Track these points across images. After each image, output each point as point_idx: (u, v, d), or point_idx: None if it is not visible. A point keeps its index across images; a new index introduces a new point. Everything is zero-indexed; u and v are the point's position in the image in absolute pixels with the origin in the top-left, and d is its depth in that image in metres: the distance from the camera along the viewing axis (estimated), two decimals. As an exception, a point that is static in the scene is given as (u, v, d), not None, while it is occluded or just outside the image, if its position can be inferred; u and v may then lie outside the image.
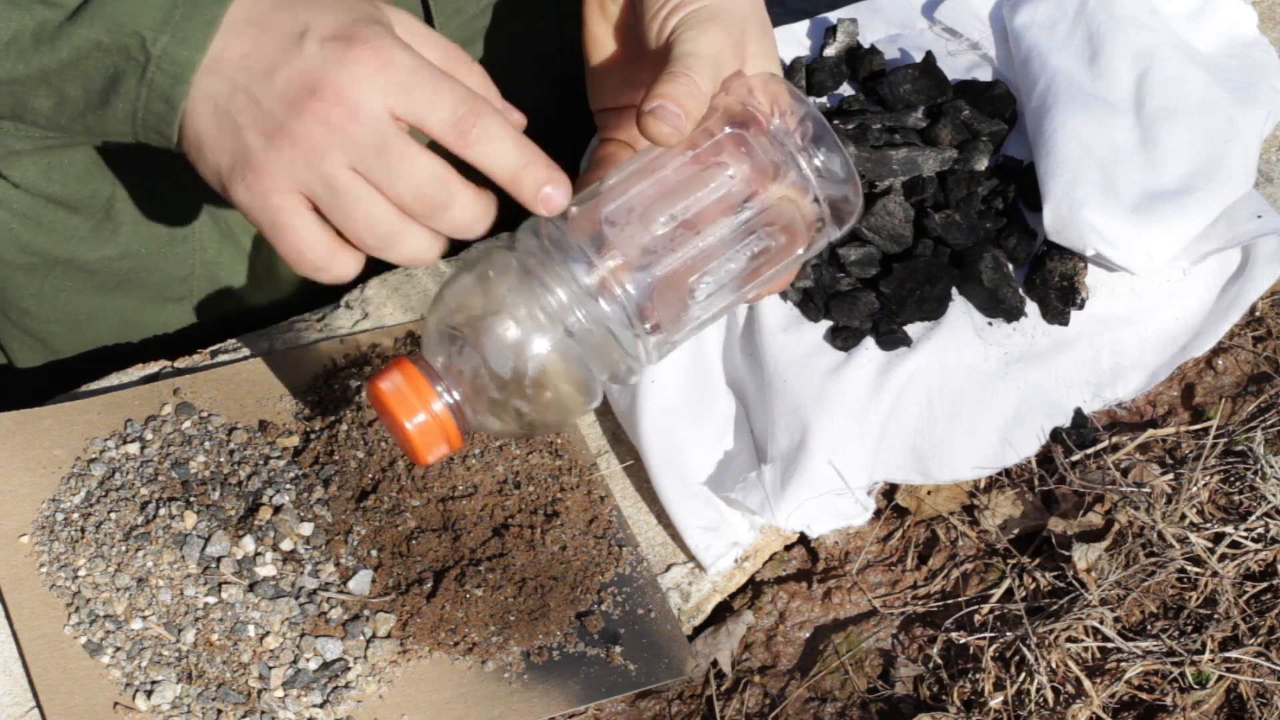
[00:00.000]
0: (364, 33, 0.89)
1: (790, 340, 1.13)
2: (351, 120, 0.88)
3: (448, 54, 0.94)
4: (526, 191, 0.89)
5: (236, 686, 1.03)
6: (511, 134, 0.89)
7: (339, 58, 0.88)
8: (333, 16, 0.90)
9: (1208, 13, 1.30)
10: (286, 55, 0.89)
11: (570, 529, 1.11)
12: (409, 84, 0.88)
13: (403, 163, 0.88)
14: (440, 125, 0.89)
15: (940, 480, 1.13)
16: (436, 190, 0.89)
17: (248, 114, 0.90)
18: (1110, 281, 1.17)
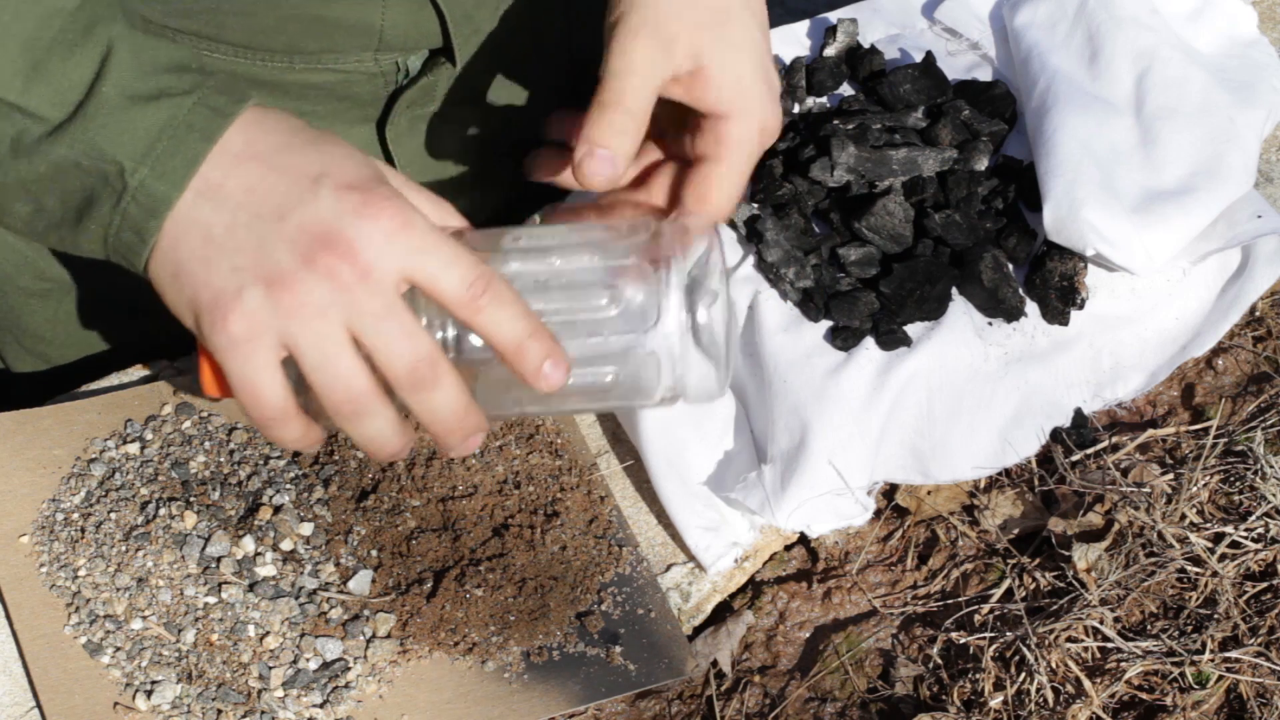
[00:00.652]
0: (381, 190, 0.87)
1: (790, 340, 1.13)
2: (362, 280, 0.86)
3: (438, 206, 0.93)
4: (529, 364, 0.88)
5: (236, 686, 1.03)
6: (518, 305, 0.88)
7: (357, 211, 0.86)
8: (347, 164, 0.89)
9: (1208, 13, 1.30)
10: (301, 199, 0.87)
11: (570, 529, 1.11)
12: (424, 247, 0.87)
13: (403, 333, 0.87)
14: (452, 291, 0.87)
15: (940, 480, 1.13)
16: (428, 369, 0.87)
17: (247, 254, 0.87)
18: (1110, 281, 1.17)
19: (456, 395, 0.89)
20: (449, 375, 0.88)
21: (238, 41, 1.15)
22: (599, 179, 0.90)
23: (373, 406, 0.88)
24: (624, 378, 0.92)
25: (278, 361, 0.88)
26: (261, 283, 0.86)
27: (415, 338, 0.87)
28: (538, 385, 0.89)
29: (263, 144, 0.90)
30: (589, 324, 0.91)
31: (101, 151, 0.88)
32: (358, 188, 0.87)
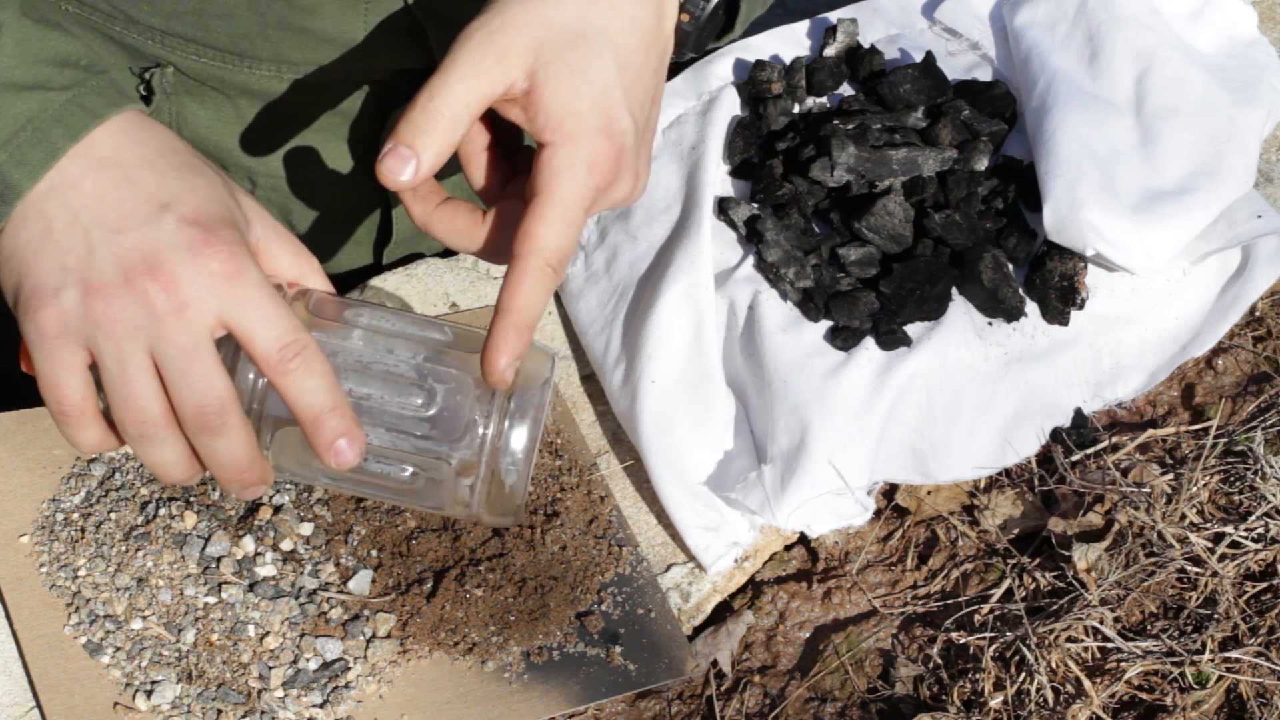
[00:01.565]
0: (224, 232, 0.88)
1: (790, 340, 1.13)
2: (176, 313, 0.87)
3: (299, 258, 0.93)
4: (324, 437, 0.88)
5: (236, 686, 1.03)
6: (327, 377, 0.88)
7: (191, 247, 0.87)
8: (202, 199, 0.89)
9: (1208, 13, 1.30)
10: (142, 220, 0.88)
11: (570, 529, 1.11)
12: (248, 299, 0.87)
13: (200, 377, 0.87)
14: (264, 348, 0.87)
15: (940, 480, 1.14)
16: (215, 417, 0.88)
17: (76, 256, 0.88)
18: (1110, 281, 1.17)
19: (239, 447, 0.89)
20: (236, 428, 0.89)
21: (222, 46, 1.15)
22: (394, 177, 0.89)
23: (161, 434, 0.89)
24: (421, 480, 0.92)
25: (83, 364, 0.89)
26: (80, 287, 0.87)
27: (210, 382, 0.87)
28: (327, 460, 0.89)
29: (129, 154, 0.90)
30: (397, 418, 0.91)
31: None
32: (201, 224, 0.88)
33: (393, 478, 0.93)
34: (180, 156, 0.91)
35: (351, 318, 0.93)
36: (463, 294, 1.23)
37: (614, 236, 1.21)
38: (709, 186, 1.19)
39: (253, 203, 0.93)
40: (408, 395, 0.91)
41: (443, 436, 0.91)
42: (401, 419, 0.91)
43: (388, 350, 0.92)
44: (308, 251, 0.94)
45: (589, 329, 1.19)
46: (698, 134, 1.22)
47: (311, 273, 0.94)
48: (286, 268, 0.93)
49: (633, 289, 1.18)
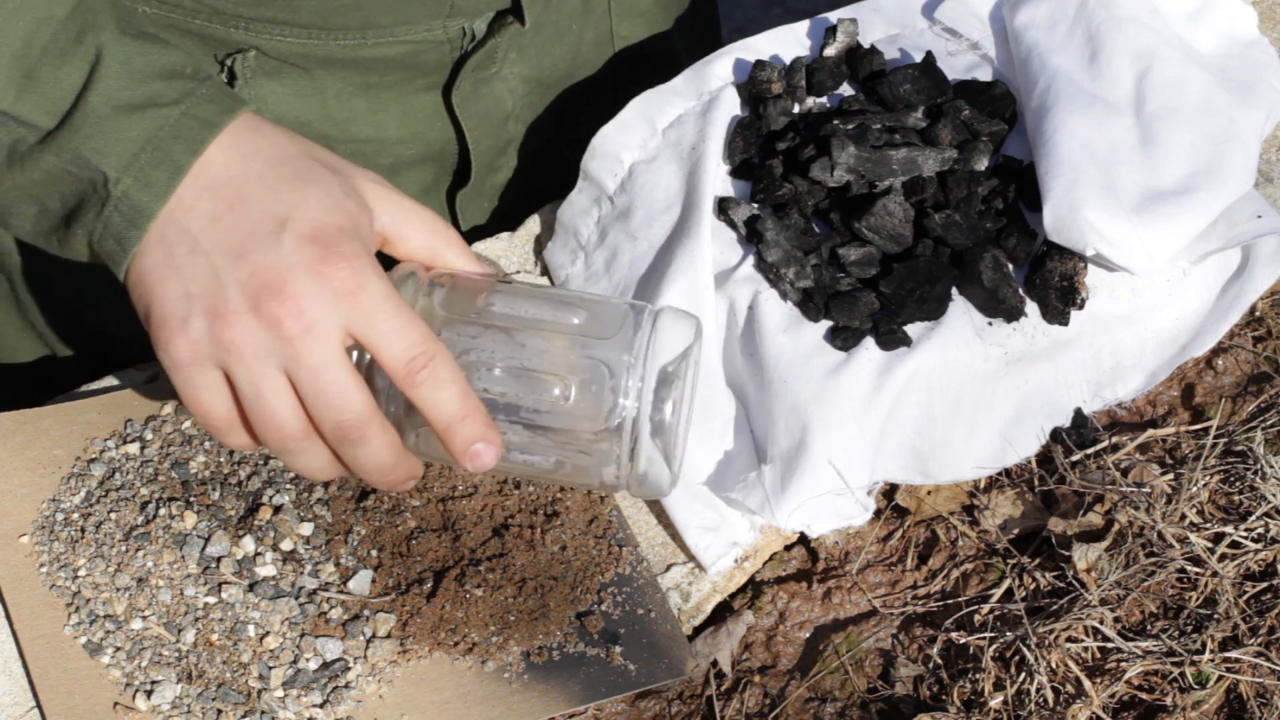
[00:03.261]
0: (344, 246, 0.88)
1: (790, 340, 1.13)
2: (303, 335, 0.87)
3: (433, 230, 0.94)
4: (458, 444, 0.90)
5: (236, 686, 1.03)
6: (458, 384, 0.89)
7: (312, 266, 0.88)
8: (317, 210, 0.89)
9: (1208, 13, 1.29)
10: (261, 241, 0.88)
11: (570, 529, 1.11)
12: (373, 313, 0.88)
13: (335, 394, 0.88)
14: (393, 361, 0.89)
15: (940, 480, 1.13)
16: (354, 430, 0.89)
17: (200, 283, 0.89)
18: (1110, 281, 1.17)
19: (382, 452, 0.90)
20: (377, 435, 0.90)
21: (311, 23, 1.16)
22: None
23: (303, 445, 0.90)
24: (568, 466, 0.93)
25: (221, 383, 0.90)
26: (207, 315, 0.88)
27: (346, 396, 0.88)
28: (464, 465, 0.90)
29: (241, 170, 0.90)
30: (534, 412, 0.91)
31: (87, 160, 0.89)
32: (320, 239, 0.88)
33: (539, 466, 0.93)
34: (293, 165, 0.91)
35: (484, 307, 0.92)
36: (463, 294, 1.24)
37: (614, 236, 1.21)
38: (709, 186, 1.19)
39: (376, 186, 0.93)
40: (543, 389, 0.91)
41: (581, 429, 0.91)
42: (539, 413, 0.91)
43: (520, 344, 0.91)
44: (442, 223, 0.95)
45: (589, 329, 1.19)
46: (698, 134, 1.22)
47: (446, 247, 0.94)
48: (419, 248, 0.94)
49: (633, 289, 1.18)
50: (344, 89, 1.22)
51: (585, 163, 1.24)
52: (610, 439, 0.91)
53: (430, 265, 0.95)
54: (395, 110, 1.25)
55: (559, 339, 0.91)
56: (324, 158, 0.93)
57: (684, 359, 0.93)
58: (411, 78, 1.23)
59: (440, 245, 0.94)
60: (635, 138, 1.24)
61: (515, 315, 0.92)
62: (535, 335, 0.92)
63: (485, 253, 1.26)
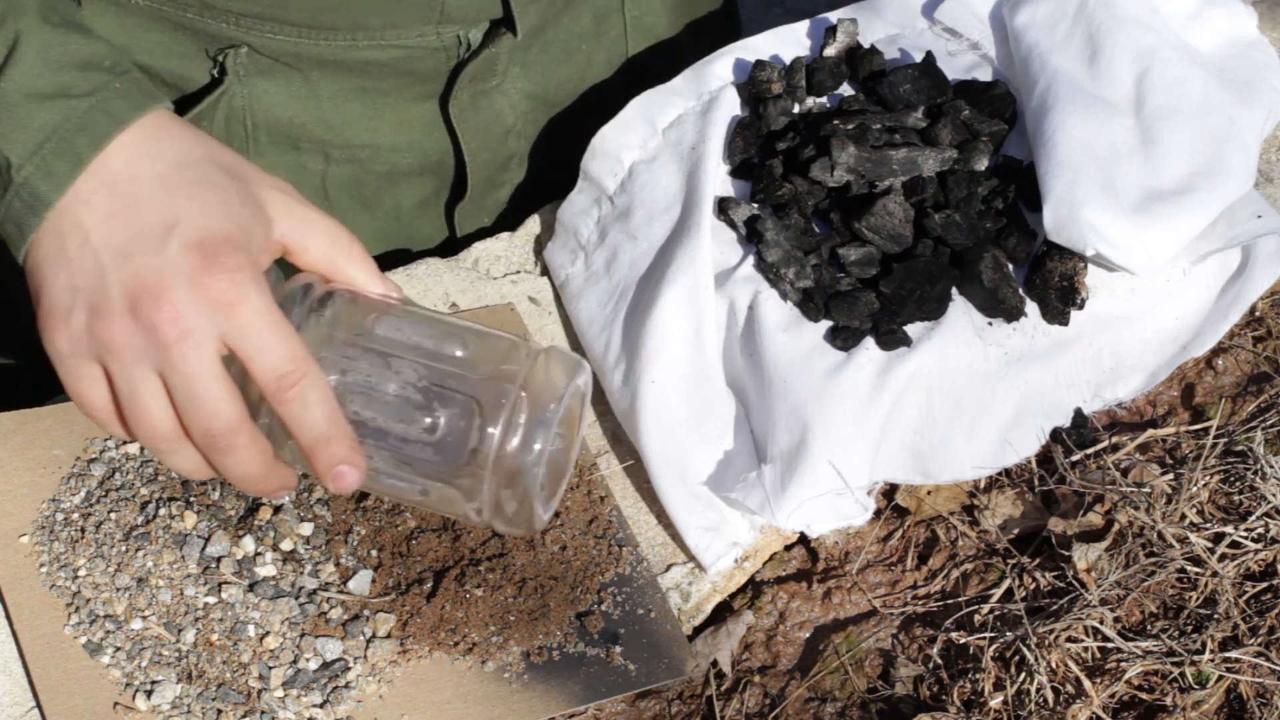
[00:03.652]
0: (228, 257, 0.89)
1: (790, 340, 1.13)
2: (179, 342, 0.88)
3: (335, 243, 0.94)
4: (321, 464, 0.90)
5: (236, 686, 1.03)
6: (326, 405, 0.89)
7: (193, 275, 0.89)
8: (208, 218, 0.90)
9: (1208, 13, 1.30)
10: (147, 245, 0.89)
11: (570, 529, 1.11)
12: (248, 326, 0.89)
13: (205, 402, 0.89)
14: (263, 376, 0.89)
15: (940, 480, 1.13)
16: (223, 438, 0.90)
17: (86, 278, 0.90)
18: (1110, 281, 1.17)
19: (250, 462, 0.91)
20: (245, 446, 0.90)
21: (301, 21, 1.16)
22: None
23: (175, 446, 0.91)
24: (434, 495, 0.93)
25: (100, 377, 0.91)
26: (89, 311, 0.89)
27: (216, 405, 0.89)
28: (327, 484, 0.91)
29: (141, 169, 0.91)
30: (402, 441, 0.91)
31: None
32: (205, 248, 0.89)
33: (405, 493, 0.93)
34: (195, 170, 0.92)
35: (369, 329, 0.92)
36: (463, 294, 1.23)
37: (614, 236, 1.21)
38: (709, 186, 1.19)
39: (280, 195, 0.94)
40: (412, 419, 0.91)
41: (446, 461, 0.91)
42: (406, 442, 0.91)
43: (396, 371, 0.92)
44: (346, 236, 0.95)
45: (589, 329, 1.19)
46: (698, 134, 1.22)
47: (348, 261, 0.95)
48: (319, 259, 0.94)
49: (633, 289, 1.18)
50: (339, 92, 1.22)
51: (585, 163, 1.24)
52: (474, 475, 0.91)
53: (330, 278, 0.95)
54: (391, 117, 1.25)
55: (437, 369, 0.91)
56: (230, 164, 0.94)
57: (561, 402, 0.92)
58: (408, 85, 1.23)
59: (341, 259, 0.95)
60: (635, 138, 1.24)
61: (398, 341, 0.92)
62: (413, 364, 0.92)
63: (486, 253, 1.26)
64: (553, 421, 0.91)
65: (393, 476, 0.92)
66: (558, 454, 0.95)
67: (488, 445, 0.90)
